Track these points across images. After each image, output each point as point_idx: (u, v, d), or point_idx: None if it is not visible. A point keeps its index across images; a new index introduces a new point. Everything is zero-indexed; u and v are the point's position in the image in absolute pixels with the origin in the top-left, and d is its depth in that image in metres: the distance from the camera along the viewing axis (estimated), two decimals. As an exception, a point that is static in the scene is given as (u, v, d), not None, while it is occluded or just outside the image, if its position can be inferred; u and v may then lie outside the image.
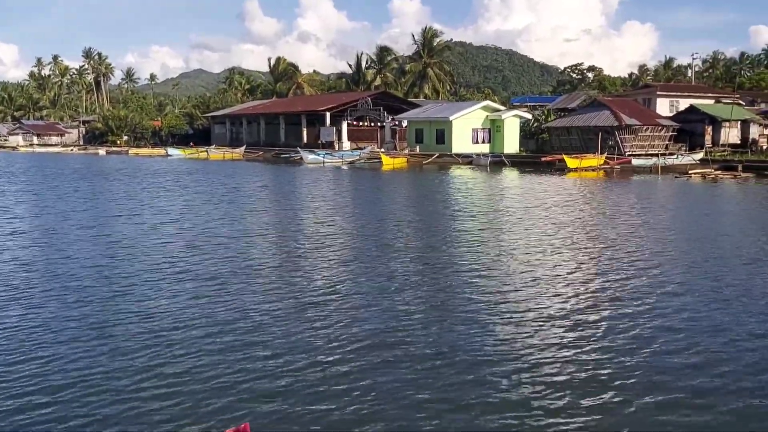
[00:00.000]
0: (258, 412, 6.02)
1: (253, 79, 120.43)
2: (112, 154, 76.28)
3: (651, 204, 23.00)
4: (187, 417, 5.93)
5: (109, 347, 7.70)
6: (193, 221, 18.21)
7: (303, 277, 11.49)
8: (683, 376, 6.88)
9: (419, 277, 11.55)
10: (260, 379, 6.80)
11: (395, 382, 6.70)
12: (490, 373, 6.94)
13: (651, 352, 7.61)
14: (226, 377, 6.82)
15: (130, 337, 8.08)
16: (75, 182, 32.63)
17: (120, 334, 8.20)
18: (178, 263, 12.37)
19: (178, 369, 7.03)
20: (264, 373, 6.91)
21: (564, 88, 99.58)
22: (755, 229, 17.32)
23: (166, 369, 7.02)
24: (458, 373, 6.92)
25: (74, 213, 20.10)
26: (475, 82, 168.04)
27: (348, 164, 51.10)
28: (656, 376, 6.87)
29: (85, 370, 6.99)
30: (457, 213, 20.62)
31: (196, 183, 32.49)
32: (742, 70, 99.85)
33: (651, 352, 7.61)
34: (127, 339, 8.00)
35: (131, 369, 7.02)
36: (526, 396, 6.40)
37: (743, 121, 46.99)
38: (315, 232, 16.53)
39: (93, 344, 7.81)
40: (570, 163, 39.47)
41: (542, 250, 13.81)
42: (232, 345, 7.80)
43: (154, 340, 7.94)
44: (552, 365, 7.17)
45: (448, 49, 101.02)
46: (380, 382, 6.69)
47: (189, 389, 6.51)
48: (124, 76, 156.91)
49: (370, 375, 6.88)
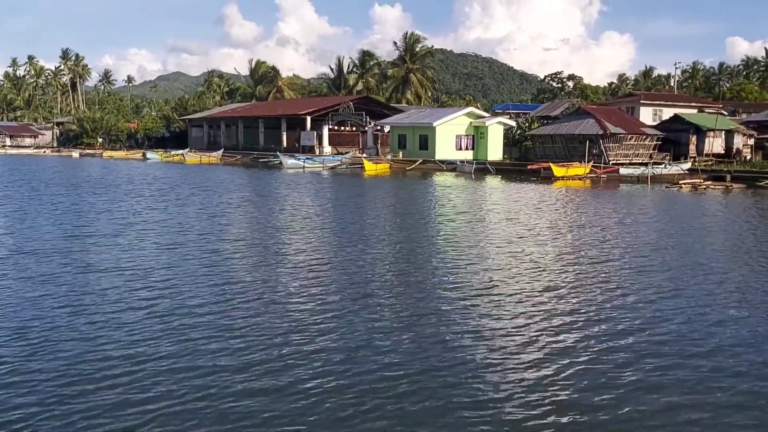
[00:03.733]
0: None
1: (232, 82, 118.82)
2: (86, 156, 74.33)
3: (648, 216, 22.09)
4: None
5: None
6: (161, 235, 16.96)
7: (279, 288, 10.56)
8: (662, 389, 6.74)
9: (399, 287, 10.92)
10: (236, 401, 6.00)
11: (374, 397, 6.45)
12: (470, 389, 6.74)
13: (632, 364, 7.49)
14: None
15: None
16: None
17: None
18: (148, 278, 11.23)
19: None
20: (238, 397, 6.31)
21: (545, 96, 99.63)
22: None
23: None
24: (433, 386, 6.73)
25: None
26: (456, 89, 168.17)
27: (329, 169, 50.01)
28: (636, 387, 6.82)
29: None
30: (444, 222, 19.65)
31: (164, 192, 31.12)
32: (721, 80, 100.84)
33: (632, 364, 7.49)
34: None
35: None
36: (504, 411, 6.28)
37: (727, 131, 46.78)
38: (291, 242, 15.44)
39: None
40: (556, 171, 38.80)
41: (535, 263, 12.91)
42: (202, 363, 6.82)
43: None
44: (528, 376, 7.05)
45: (430, 55, 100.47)
46: (359, 400, 6.43)
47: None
48: (101, 77, 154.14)
49: (349, 390, 6.63)
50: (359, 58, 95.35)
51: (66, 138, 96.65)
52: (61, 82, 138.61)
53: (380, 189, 33.61)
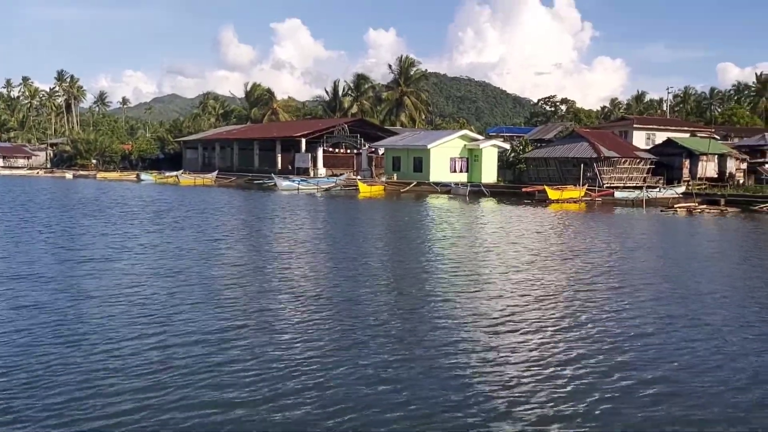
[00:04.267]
0: None
1: (228, 105, 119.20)
2: (79, 177, 74.06)
3: (646, 241, 21.97)
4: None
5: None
6: (156, 260, 16.75)
7: (277, 317, 10.31)
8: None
9: (397, 312, 10.73)
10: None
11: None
12: (463, 411, 6.62)
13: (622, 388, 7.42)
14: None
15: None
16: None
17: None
18: (145, 306, 11.01)
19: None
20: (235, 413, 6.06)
21: (538, 119, 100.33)
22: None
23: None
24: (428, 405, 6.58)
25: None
26: (450, 112, 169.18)
27: (323, 191, 49.96)
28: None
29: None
30: (441, 246, 19.46)
31: (159, 214, 30.93)
32: (712, 105, 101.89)
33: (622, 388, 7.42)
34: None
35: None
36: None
37: (720, 155, 47.09)
38: (287, 267, 15.20)
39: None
40: (551, 194, 38.85)
41: (535, 288, 12.76)
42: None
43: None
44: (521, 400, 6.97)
45: (424, 79, 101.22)
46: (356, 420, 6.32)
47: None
48: (96, 99, 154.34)
49: (345, 413, 6.55)
50: (354, 81, 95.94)
51: (60, 159, 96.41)
52: (55, 103, 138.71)
53: (375, 211, 33.53)
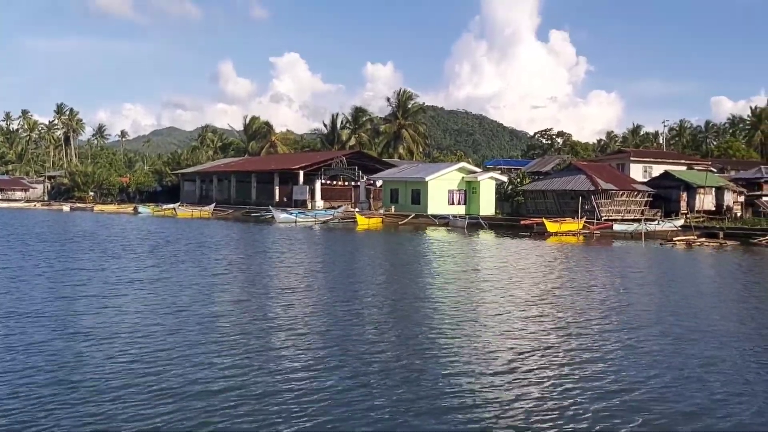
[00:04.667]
0: None
1: (226, 137, 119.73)
2: (76, 210, 73.88)
3: (649, 275, 21.65)
4: None
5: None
6: (155, 296, 16.47)
7: (278, 357, 10.08)
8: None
9: (397, 349, 10.53)
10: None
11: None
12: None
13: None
14: None
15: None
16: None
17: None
18: (144, 346, 10.75)
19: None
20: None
21: (534, 152, 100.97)
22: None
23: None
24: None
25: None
26: (447, 145, 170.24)
27: (321, 224, 49.81)
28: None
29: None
30: (442, 281, 19.15)
31: (156, 248, 30.69)
32: (707, 138, 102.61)
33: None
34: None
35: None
36: None
37: (717, 187, 47.17)
38: (286, 304, 14.92)
39: None
40: (550, 227, 38.76)
41: (541, 325, 12.55)
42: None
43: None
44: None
45: (422, 112, 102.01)
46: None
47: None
48: (95, 132, 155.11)
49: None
50: (352, 114, 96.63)
51: (57, 192, 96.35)
52: (54, 136, 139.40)
53: (373, 244, 33.30)
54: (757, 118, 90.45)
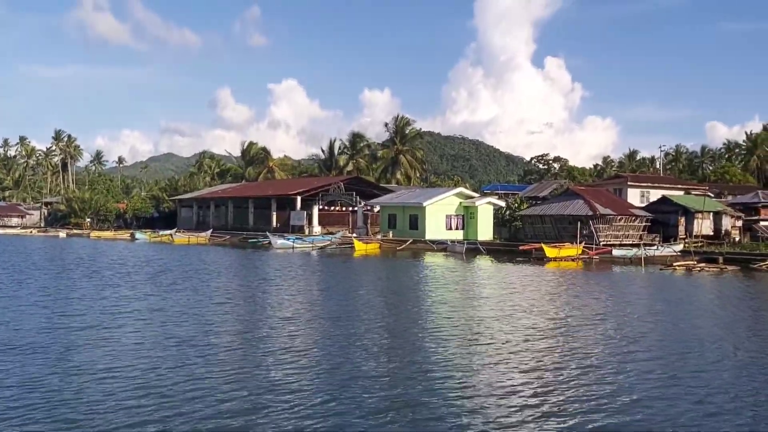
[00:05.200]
0: None
1: (223, 163, 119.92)
2: (73, 236, 73.61)
3: (653, 303, 21.24)
4: None
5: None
6: (154, 327, 16.20)
7: (278, 391, 9.86)
8: None
9: (397, 380, 10.39)
10: None
11: None
12: None
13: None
14: None
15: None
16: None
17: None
18: (145, 381, 10.45)
19: None
20: None
21: (531, 177, 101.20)
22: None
23: None
24: None
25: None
26: (444, 170, 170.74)
27: (319, 249, 49.57)
28: None
29: None
30: (442, 311, 18.75)
31: (153, 275, 30.41)
32: (704, 163, 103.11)
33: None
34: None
35: None
36: None
37: (715, 212, 47.14)
38: (285, 333, 14.73)
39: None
40: (549, 252, 38.57)
41: (546, 357, 12.32)
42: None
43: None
44: None
45: (419, 137, 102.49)
46: None
47: None
48: (93, 158, 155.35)
49: None
50: (350, 139, 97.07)
51: (54, 218, 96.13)
52: (52, 162, 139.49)
53: (371, 271, 32.98)
54: (753, 143, 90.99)
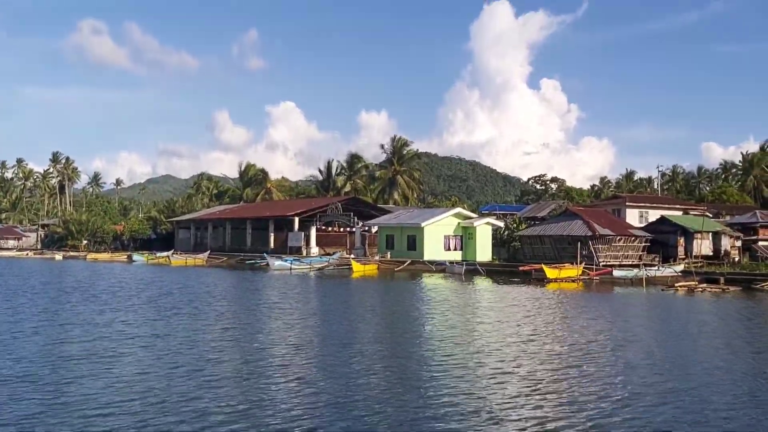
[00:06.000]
0: None
1: (221, 185, 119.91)
2: (69, 259, 73.20)
3: (661, 326, 20.70)
4: None
5: None
6: (155, 355, 15.85)
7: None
8: None
9: (398, 408, 10.05)
10: None
11: None
12: None
13: None
14: None
15: None
16: None
17: None
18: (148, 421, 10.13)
19: None
20: None
21: (529, 197, 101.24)
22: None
23: None
24: None
25: None
26: (441, 191, 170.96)
27: (317, 270, 49.26)
28: None
29: None
30: (442, 335, 18.25)
31: (153, 301, 30.04)
32: (700, 183, 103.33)
33: None
34: None
35: None
36: None
37: (714, 232, 47.07)
38: (287, 362, 14.30)
39: None
40: (549, 273, 38.33)
41: (555, 389, 12.03)
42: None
43: None
44: None
45: (417, 158, 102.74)
46: None
47: None
48: (90, 180, 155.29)
49: None
50: (347, 160, 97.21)
51: (51, 240, 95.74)
52: (49, 184, 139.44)
53: (369, 293, 32.62)
54: (749, 163, 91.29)
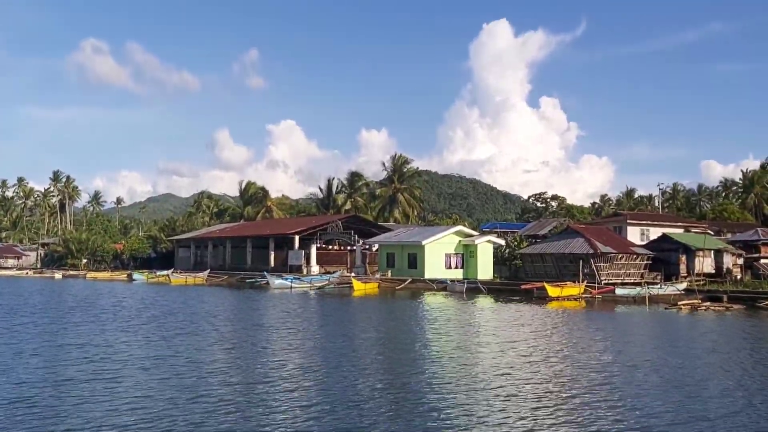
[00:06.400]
0: None
1: (222, 203, 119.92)
2: (68, 277, 72.94)
3: (670, 347, 20.17)
4: None
5: None
6: (156, 379, 15.62)
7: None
8: None
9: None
10: None
11: None
12: None
13: None
14: None
15: None
16: None
17: None
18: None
19: None
20: None
21: (529, 215, 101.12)
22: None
23: None
24: None
25: None
26: (441, 208, 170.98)
27: (317, 289, 48.98)
28: None
29: None
30: (446, 356, 17.92)
31: (153, 320, 29.81)
32: (701, 201, 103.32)
33: None
34: None
35: None
36: None
37: (716, 250, 46.87)
38: (289, 386, 14.09)
39: None
40: (551, 291, 38.08)
41: (564, 412, 11.83)
42: None
43: None
44: None
45: (417, 176, 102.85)
46: None
47: None
48: (91, 199, 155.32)
49: None
50: (348, 178, 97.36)
51: (51, 259, 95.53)
52: (50, 203, 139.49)
53: (371, 312, 32.22)
54: (750, 181, 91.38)
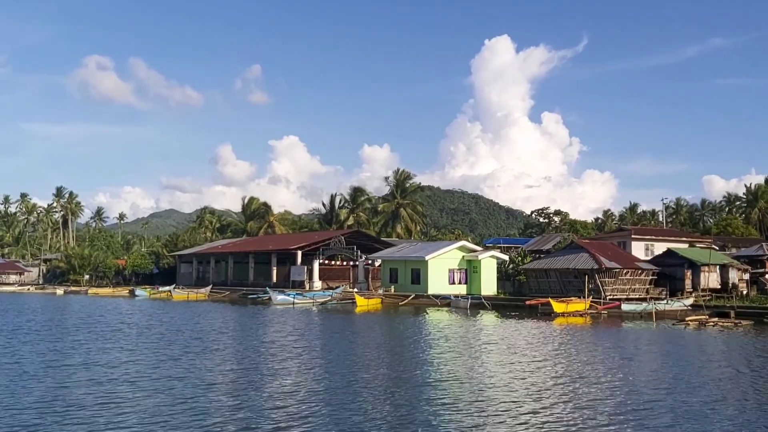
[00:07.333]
0: None
1: (224, 218, 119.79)
2: (70, 294, 72.68)
3: (677, 361, 19.91)
4: None
5: None
6: (159, 397, 15.43)
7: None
8: None
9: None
10: None
11: None
12: None
13: None
14: None
15: None
16: None
17: None
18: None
19: None
20: None
21: (532, 230, 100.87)
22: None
23: None
24: None
25: None
26: (444, 224, 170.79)
27: (320, 305, 48.64)
28: None
29: None
30: (451, 376, 17.51)
31: (149, 339, 29.52)
32: (704, 216, 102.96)
33: None
34: None
35: None
36: None
37: (722, 265, 46.53)
38: (286, 397, 13.95)
39: None
40: (556, 307, 37.71)
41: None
42: None
43: None
44: None
45: (420, 191, 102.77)
46: None
47: None
48: (93, 214, 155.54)
49: None
50: (351, 193, 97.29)
51: (53, 275, 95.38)
52: (52, 219, 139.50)
53: (375, 329, 31.81)
54: (754, 195, 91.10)
